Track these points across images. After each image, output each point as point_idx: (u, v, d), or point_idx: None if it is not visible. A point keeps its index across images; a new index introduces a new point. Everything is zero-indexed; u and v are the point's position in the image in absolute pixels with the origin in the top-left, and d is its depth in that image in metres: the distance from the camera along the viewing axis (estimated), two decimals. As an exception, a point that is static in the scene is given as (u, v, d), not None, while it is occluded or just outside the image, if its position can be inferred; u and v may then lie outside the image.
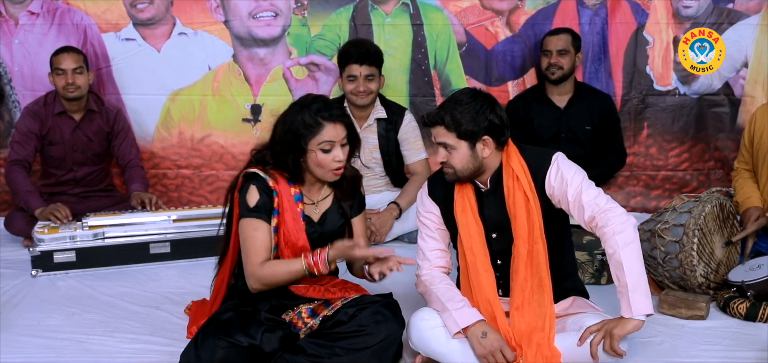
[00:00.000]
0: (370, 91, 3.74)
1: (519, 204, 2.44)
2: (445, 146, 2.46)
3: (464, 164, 2.46)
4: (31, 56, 4.11)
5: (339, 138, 2.48)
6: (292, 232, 2.50)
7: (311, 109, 2.47)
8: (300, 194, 2.55)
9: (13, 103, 4.15)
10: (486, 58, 4.23)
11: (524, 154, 2.49)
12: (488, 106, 2.44)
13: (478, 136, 2.43)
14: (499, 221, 2.49)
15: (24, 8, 4.10)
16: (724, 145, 4.22)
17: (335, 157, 2.47)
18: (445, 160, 2.48)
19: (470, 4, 4.18)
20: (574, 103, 3.96)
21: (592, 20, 4.18)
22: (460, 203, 2.54)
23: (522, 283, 2.45)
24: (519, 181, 2.45)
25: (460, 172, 2.47)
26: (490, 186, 2.51)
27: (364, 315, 2.40)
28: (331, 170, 2.49)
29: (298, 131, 2.45)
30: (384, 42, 4.13)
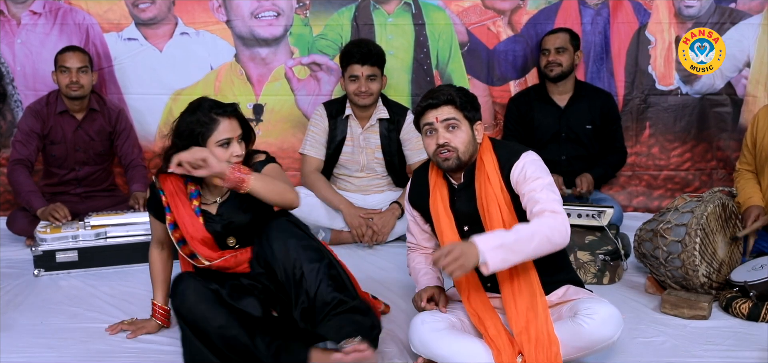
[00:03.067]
0: (371, 92, 3.74)
1: (490, 198, 2.45)
2: (452, 124, 2.47)
3: (466, 145, 2.48)
4: (33, 56, 4.11)
5: (235, 133, 2.52)
6: (189, 227, 2.55)
7: (204, 108, 2.51)
8: (196, 191, 2.60)
9: (16, 102, 4.15)
10: (488, 57, 4.23)
11: (496, 150, 2.52)
12: (474, 97, 2.55)
13: (476, 119, 2.51)
14: (470, 215, 2.51)
15: (26, 8, 4.10)
16: (727, 145, 4.22)
17: (233, 152, 2.51)
18: (446, 142, 2.47)
19: (472, 3, 4.18)
20: (575, 102, 3.96)
21: (594, 20, 4.18)
22: (434, 198, 2.57)
23: (508, 277, 2.45)
24: (490, 176, 2.47)
25: (463, 154, 2.49)
26: (464, 180, 2.52)
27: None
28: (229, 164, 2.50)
29: (194, 132, 2.48)
30: (386, 42, 4.13)
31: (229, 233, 2.59)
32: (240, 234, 2.60)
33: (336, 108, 3.87)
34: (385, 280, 3.30)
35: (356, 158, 3.86)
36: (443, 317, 2.46)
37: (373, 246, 3.74)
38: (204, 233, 2.56)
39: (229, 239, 2.59)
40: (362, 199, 3.86)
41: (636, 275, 3.32)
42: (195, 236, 2.55)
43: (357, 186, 3.90)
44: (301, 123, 4.19)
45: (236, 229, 2.59)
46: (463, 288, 2.52)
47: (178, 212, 2.56)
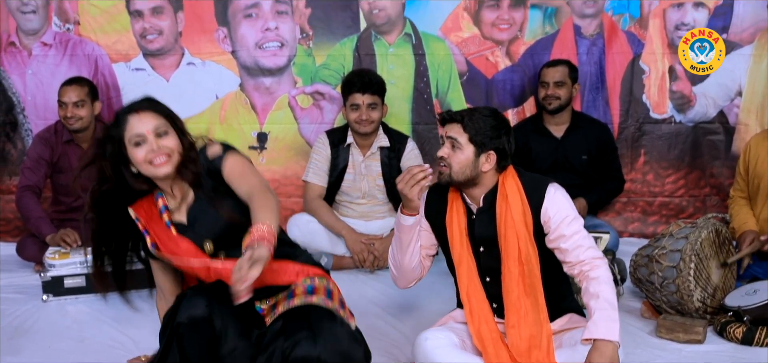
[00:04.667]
0: (372, 120, 3.77)
1: (510, 224, 2.47)
2: (453, 143, 2.49)
3: (462, 168, 2.49)
4: (43, 86, 4.15)
5: (148, 127, 2.26)
6: (168, 246, 2.34)
7: (115, 118, 2.32)
8: (164, 205, 2.37)
9: (26, 131, 4.19)
10: (486, 86, 4.26)
11: (522, 178, 2.53)
12: (504, 129, 2.52)
13: (486, 148, 2.49)
14: (488, 238, 2.52)
15: (37, 39, 4.15)
16: (720, 172, 4.24)
17: (151, 148, 2.25)
18: (445, 156, 2.50)
19: (471, 34, 4.22)
20: (571, 133, 3.98)
21: (589, 50, 4.22)
22: (450, 217, 2.57)
23: (516, 302, 2.46)
24: (512, 203, 2.48)
25: (455, 175, 2.50)
26: (484, 204, 2.53)
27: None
28: (149, 163, 2.26)
29: (108, 143, 2.27)
30: (387, 71, 4.16)
31: (204, 238, 2.34)
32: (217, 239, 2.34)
33: (338, 136, 3.90)
34: (387, 305, 3.31)
35: (358, 185, 3.88)
36: (447, 334, 2.48)
37: (374, 271, 3.75)
38: (182, 243, 2.33)
39: (205, 243, 2.34)
40: (364, 225, 3.88)
41: (632, 300, 3.33)
42: (175, 251, 2.34)
43: (359, 212, 3.92)
44: (304, 151, 4.22)
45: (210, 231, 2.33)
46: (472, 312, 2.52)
47: (156, 233, 2.34)
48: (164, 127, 2.29)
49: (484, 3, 4.19)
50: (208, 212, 2.34)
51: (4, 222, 4.20)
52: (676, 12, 4.16)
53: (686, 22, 4.15)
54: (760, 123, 4.13)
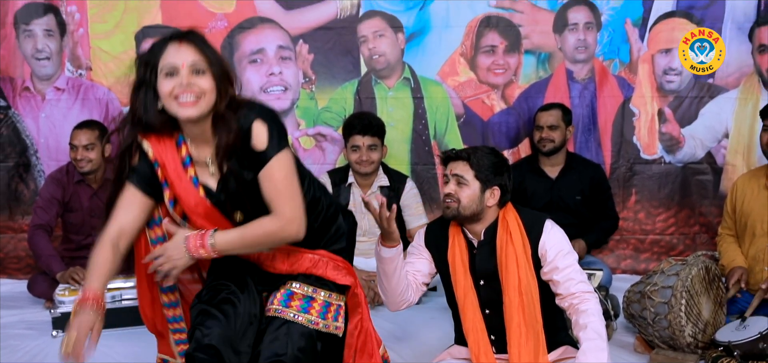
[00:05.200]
0: (372, 161, 3.81)
1: (511, 255, 2.51)
2: (459, 180, 2.54)
3: (469, 203, 2.54)
4: (56, 129, 4.19)
5: (184, 61, 2.00)
6: (187, 202, 2.11)
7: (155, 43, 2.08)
8: (188, 156, 2.13)
9: (39, 172, 4.22)
10: (483, 128, 4.31)
11: (520, 214, 2.58)
12: (505, 166, 2.61)
13: (491, 184, 2.55)
14: (488, 271, 2.55)
15: (51, 84, 4.20)
16: (708, 211, 4.27)
17: (178, 82, 1.99)
18: (452, 192, 2.54)
19: (467, 78, 4.28)
20: (566, 174, 4.01)
21: (581, 93, 4.27)
22: (452, 251, 2.61)
23: (516, 330, 2.49)
24: (513, 235, 2.52)
25: (463, 209, 2.54)
26: (485, 237, 2.57)
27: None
28: (173, 98, 2.00)
29: (144, 68, 2.04)
30: (387, 114, 4.21)
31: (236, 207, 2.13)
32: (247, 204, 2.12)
33: (339, 176, 3.94)
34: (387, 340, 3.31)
35: (359, 223, 3.87)
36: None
37: (375, 307, 3.77)
38: (206, 207, 2.10)
39: (236, 214, 2.13)
40: (365, 262, 3.89)
41: (625, 335, 3.34)
42: (196, 210, 2.11)
43: (359, 250, 3.91)
44: (306, 190, 4.25)
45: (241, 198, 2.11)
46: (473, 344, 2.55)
47: (174, 187, 2.10)
48: (203, 66, 2.03)
49: (480, 49, 4.25)
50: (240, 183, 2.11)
51: (16, 259, 4.22)
52: (664, 57, 4.22)
53: (674, 67, 4.21)
54: (747, 163, 4.17)
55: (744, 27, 4.16)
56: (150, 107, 2.05)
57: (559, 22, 4.23)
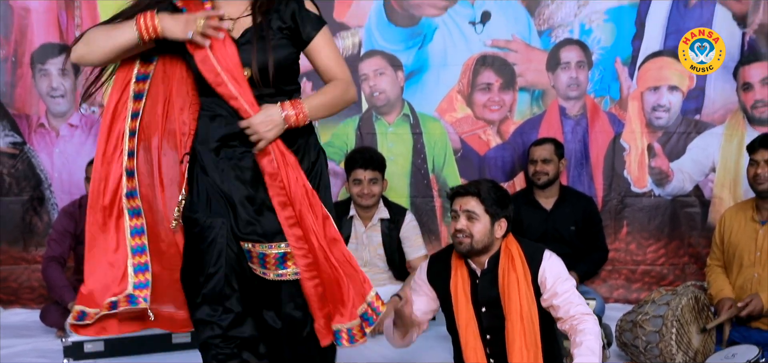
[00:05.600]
0: (373, 194, 3.87)
1: (513, 283, 2.58)
2: (470, 215, 2.59)
3: (482, 236, 2.60)
4: (69, 164, 4.24)
5: None
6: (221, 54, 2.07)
7: None
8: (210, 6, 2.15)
9: (52, 205, 4.26)
10: (479, 163, 4.36)
11: (521, 244, 2.66)
12: (509, 199, 2.71)
13: (499, 217, 2.64)
14: (490, 299, 2.61)
15: (65, 121, 4.26)
16: (697, 242, 4.32)
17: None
18: (464, 228, 2.59)
19: (464, 114, 4.34)
20: (560, 206, 4.06)
21: (574, 129, 4.34)
22: (455, 280, 2.68)
23: (518, 353, 2.56)
24: (514, 263, 2.59)
25: (476, 243, 2.60)
26: (488, 267, 2.63)
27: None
28: None
29: None
30: (387, 149, 4.27)
31: (247, 63, 2.11)
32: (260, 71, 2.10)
33: (341, 209, 3.99)
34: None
35: (360, 254, 3.95)
36: None
37: (374, 335, 3.78)
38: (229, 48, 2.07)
39: (246, 69, 2.11)
40: (366, 292, 3.94)
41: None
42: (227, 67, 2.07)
43: (361, 280, 3.98)
44: (309, 222, 4.29)
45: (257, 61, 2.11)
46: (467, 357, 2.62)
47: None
48: None
49: (476, 86, 4.32)
50: (261, 41, 2.12)
51: (29, 289, 4.25)
52: (652, 94, 4.29)
53: (662, 104, 4.28)
54: (733, 197, 4.23)
55: (729, 66, 4.23)
56: None
57: (552, 60, 4.31)
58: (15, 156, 4.23)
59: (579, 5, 4.26)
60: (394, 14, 4.28)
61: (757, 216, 3.55)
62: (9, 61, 4.19)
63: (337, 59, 2.20)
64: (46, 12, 4.17)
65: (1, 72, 4.19)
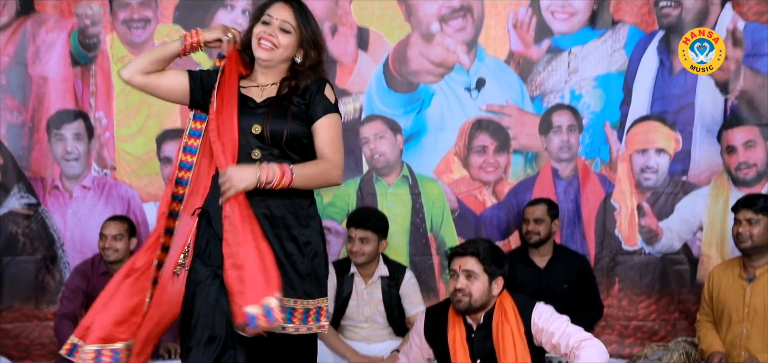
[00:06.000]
0: (363, 252, 3.92)
1: (507, 337, 2.67)
2: (469, 275, 2.68)
3: (480, 295, 2.70)
4: (82, 224, 4.31)
5: (279, 16, 2.32)
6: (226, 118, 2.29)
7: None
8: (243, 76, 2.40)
9: (64, 264, 4.32)
10: (476, 222, 4.42)
11: (514, 298, 2.75)
12: (504, 257, 2.81)
13: (496, 275, 2.74)
14: (485, 351, 2.70)
15: (78, 183, 4.33)
16: (687, 299, 4.35)
17: (267, 30, 2.31)
18: (463, 287, 2.67)
19: (461, 176, 4.41)
20: (553, 264, 4.12)
21: (566, 190, 4.40)
22: (452, 334, 2.77)
23: None
24: (508, 317, 2.68)
25: (475, 301, 2.70)
26: (483, 321, 2.72)
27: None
28: (258, 40, 2.32)
29: (257, 6, 2.40)
30: (387, 209, 4.32)
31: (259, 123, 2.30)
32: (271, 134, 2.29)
33: (343, 266, 4.06)
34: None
35: (361, 311, 4.01)
36: None
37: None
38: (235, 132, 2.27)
39: (254, 152, 2.30)
40: (366, 347, 3.98)
41: (612, 417, 3.41)
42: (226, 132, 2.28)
43: (361, 336, 4.02)
44: (312, 280, 4.35)
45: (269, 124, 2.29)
46: None
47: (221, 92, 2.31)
48: (290, 27, 2.33)
49: (472, 149, 4.40)
50: (279, 112, 2.31)
51: (40, 346, 4.29)
52: (641, 157, 4.37)
53: (650, 166, 4.35)
54: (721, 254, 4.27)
55: (712, 129, 4.32)
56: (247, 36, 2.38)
57: (544, 124, 4.40)
58: (29, 216, 4.30)
59: (569, 72, 4.39)
60: (394, 81, 4.39)
61: (744, 273, 3.64)
62: (26, 126, 4.31)
63: (332, 144, 2.34)
64: (62, 80, 4.30)
65: (19, 137, 4.30)
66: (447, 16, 4.35)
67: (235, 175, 2.25)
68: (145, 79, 2.42)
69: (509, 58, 4.40)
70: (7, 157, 4.29)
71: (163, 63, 2.42)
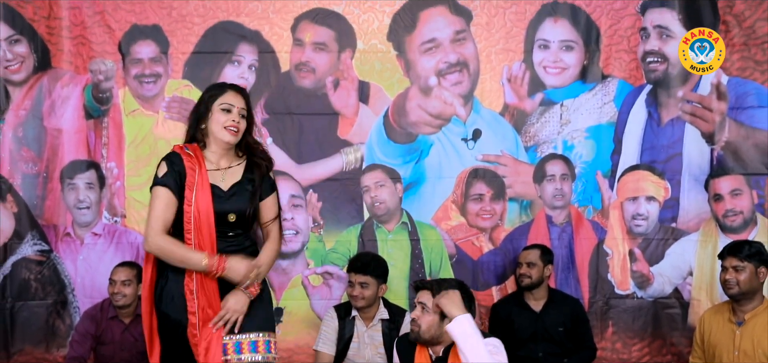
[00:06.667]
0: (363, 296, 3.98)
1: None
2: (423, 307, 2.81)
3: (428, 327, 2.84)
4: (92, 270, 4.35)
5: (238, 105, 2.72)
6: (202, 201, 2.66)
7: (216, 84, 2.84)
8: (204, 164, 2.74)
9: (74, 309, 4.36)
10: (473, 267, 4.47)
11: None
12: (467, 301, 2.88)
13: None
14: None
15: (89, 230, 4.39)
16: (679, 341, 4.38)
17: (233, 118, 2.71)
18: (415, 318, 2.84)
19: (458, 222, 4.47)
20: (548, 307, 4.16)
21: (560, 236, 4.46)
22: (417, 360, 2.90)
23: None
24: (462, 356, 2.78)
25: (423, 333, 2.83)
26: (442, 355, 2.84)
27: None
28: (226, 128, 2.70)
29: (204, 98, 2.76)
30: (387, 254, 4.37)
31: (233, 211, 2.72)
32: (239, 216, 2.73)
33: (344, 310, 4.11)
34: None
35: (362, 353, 4.05)
36: None
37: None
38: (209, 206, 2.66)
39: (229, 216, 2.70)
40: (365, 386, 4.02)
41: None
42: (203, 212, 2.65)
43: (361, 375, 4.07)
44: (315, 323, 4.37)
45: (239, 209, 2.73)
46: None
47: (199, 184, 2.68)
48: (245, 113, 2.77)
49: (469, 197, 4.46)
50: (244, 194, 2.75)
51: (50, 389, 4.31)
52: (632, 204, 4.43)
53: (641, 213, 4.42)
54: (710, 299, 4.32)
55: (700, 178, 4.40)
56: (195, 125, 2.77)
57: (539, 173, 4.48)
58: (42, 263, 4.35)
59: (561, 124, 4.47)
60: (393, 132, 4.48)
61: (734, 317, 3.67)
62: (41, 176, 4.38)
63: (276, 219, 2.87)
64: (76, 132, 4.39)
65: (34, 186, 4.37)
66: (444, 70, 4.46)
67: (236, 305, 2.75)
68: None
69: (504, 110, 4.49)
70: (22, 205, 4.36)
71: (181, 265, 2.73)
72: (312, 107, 4.45)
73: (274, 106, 4.45)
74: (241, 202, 2.75)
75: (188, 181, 2.69)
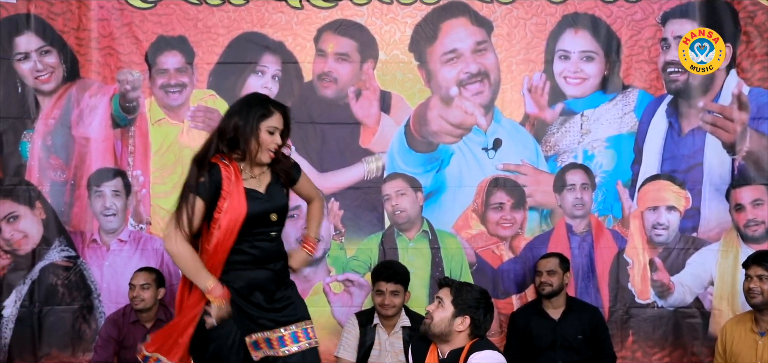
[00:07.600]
0: (394, 305, 3.97)
1: None
2: (439, 301, 2.83)
3: (439, 322, 2.83)
4: (117, 276, 4.37)
5: (280, 128, 2.80)
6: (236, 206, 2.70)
7: (259, 98, 2.85)
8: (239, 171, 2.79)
9: (100, 313, 4.37)
10: (493, 275, 4.44)
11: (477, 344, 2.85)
12: (484, 308, 2.88)
13: (464, 313, 2.83)
14: None
15: (115, 237, 4.41)
16: (700, 351, 4.33)
17: (276, 141, 2.78)
18: (429, 311, 2.85)
19: (479, 231, 4.45)
20: (567, 316, 4.12)
21: (580, 245, 4.42)
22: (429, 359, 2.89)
23: None
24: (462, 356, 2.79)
25: (434, 326, 2.83)
26: (448, 357, 2.83)
27: None
28: (269, 150, 2.77)
29: (251, 117, 2.74)
30: (407, 262, 4.34)
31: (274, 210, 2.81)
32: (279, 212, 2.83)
33: (366, 317, 4.09)
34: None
35: (383, 360, 4.03)
36: None
37: None
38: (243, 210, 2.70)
39: (272, 215, 2.80)
40: (385, 392, 4.00)
41: None
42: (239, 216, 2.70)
43: (382, 381, 4.04)
44: (336, 330, 4.36)
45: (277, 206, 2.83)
46: None
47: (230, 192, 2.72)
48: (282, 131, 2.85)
49: (489, 206, 4.44)
50: (279, 192, 2.86)
51: (74, 392, 4.33)
52: (652, 214, 4.39)
53: (661, 222, 4.37)
54: (732, 309, 4.26)
55: (721, 188, 4.35)
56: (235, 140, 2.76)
57: (559, 183, 4.44)
58: (69, 268, 4.37)
59: (582, 134, 4.44)
60: (414, 141, 4.47)
61: (756, 328, 3.63)
62: (68, 184, 4.40)
63: (311, 184, 3.11)
64: (103, 141, 4.41)
65: (62, 194, 4.40)
66: (465, 80, 4.44)
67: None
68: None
69: (524, 120, 4.46)
70: (50, 212, 4.38)
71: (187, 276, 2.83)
72: (334, 117, 4.45)
73: (297, 116, 4.38)
74: (279, 199, 2.86)
75: (223, 191, 2.73)
